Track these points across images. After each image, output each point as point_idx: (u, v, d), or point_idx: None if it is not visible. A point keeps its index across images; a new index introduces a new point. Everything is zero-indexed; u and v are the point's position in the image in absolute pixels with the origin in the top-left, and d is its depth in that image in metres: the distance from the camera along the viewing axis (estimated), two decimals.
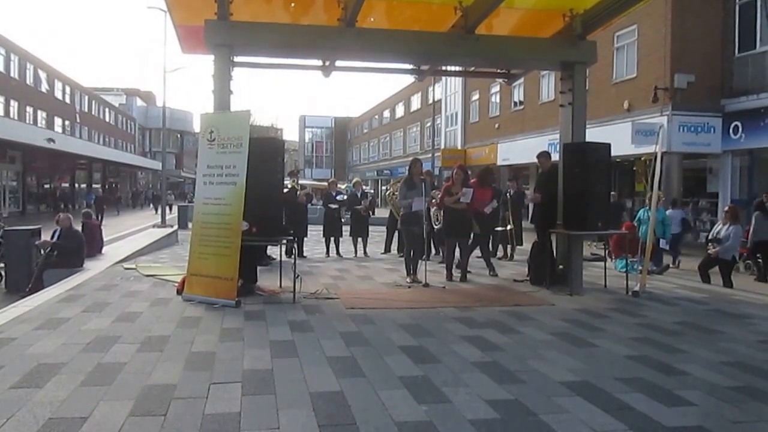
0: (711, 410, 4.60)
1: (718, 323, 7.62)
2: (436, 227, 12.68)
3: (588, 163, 9.50)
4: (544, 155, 10.89)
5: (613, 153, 9.89)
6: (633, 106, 21.50)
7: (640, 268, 10.49)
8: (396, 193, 14.12)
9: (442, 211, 11.44)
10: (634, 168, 22.81)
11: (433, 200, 11.60)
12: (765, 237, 12.80)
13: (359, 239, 15.03)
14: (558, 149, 10.46)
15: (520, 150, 29.18)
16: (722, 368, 5.67)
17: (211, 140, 8.74)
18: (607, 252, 12.25)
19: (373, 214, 15.69)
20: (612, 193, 12.25)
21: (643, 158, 20.35)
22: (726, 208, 12.15)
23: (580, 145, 9.88)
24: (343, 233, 15.31)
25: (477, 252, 13.29)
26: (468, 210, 10.63)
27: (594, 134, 11.71)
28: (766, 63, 18.68)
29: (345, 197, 15.40)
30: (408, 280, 10.24)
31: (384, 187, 50.96)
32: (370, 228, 15.47)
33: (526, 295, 9.38)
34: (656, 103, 20.05)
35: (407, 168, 10.70)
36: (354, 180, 17.21)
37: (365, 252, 14.83)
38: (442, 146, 41.90)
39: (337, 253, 14.71)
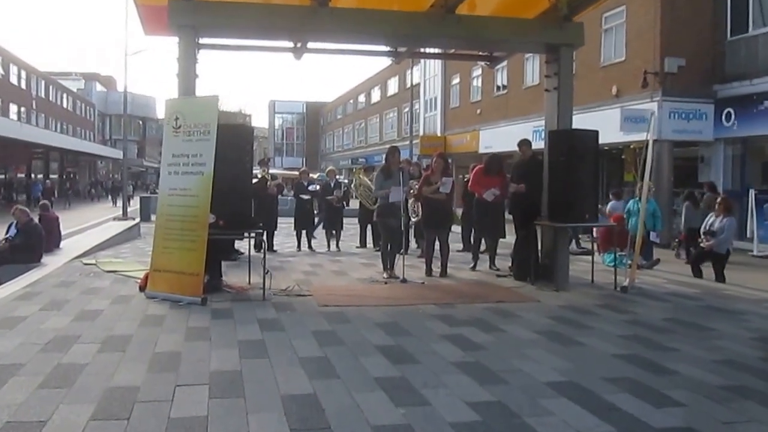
0: (700, 410, 4.66)
1: (709, 320, 7.71)
2: (414, 219, 12.74)
3: (575, 151, 9.59)
4: (526, 143, 10.94)
5: (601, 140, 10.00)
6: (622, 92, 21.66)
7: (629, 262, 10.56)
8: (361, 183, 14.43)
9: (420, 203, 11.51)
10: (623, 156, 22.97)
11: (411, 191, 11.65)
12: (695, 225, 13.26)
13: (333, 232, 15.08)
14: (543, 136, 10.55)
15: (503, 137, 28.97)
16: (713, 366, 5.74)
17: (176, 127, 8.70)
18: (594, 245, 12.29)
19: (347, 205, 15.74)
20: None
21: (632, 146, 20.48)
22: (718, 200, 12.24)
23: (566, 132, 9.98)
24: (316, 226, 15.37)
25: (458, 245, 13.48)
26: (448, 201, 10.71)
27: (581, 121, 11.82)
28: (759, 47, 18.87)
29: (318, 187, 15.43)
30: (385, 275, 10.33)
31: (350, 178, 51.05)
32: (345, 221, 15.51)
33: (510, 291, 9.48)
34: (646, 89, 20.21)
35: (384, 156, 10.75)
36: (327, 169, 17.21)
37: (338, 246, 14.92)
38: (421, 133, 41.92)
39: (309, 247, 14.77)
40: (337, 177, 17.26)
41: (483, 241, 12.03)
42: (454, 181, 11.40)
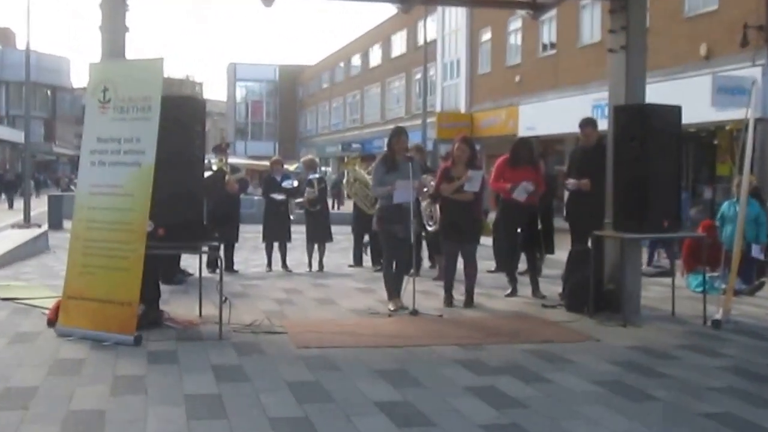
0: None
1: None
2: (430, 228, 12.76)
3: (649, 134, 9.57)
4: (590, 123, 11.12)
5: (684, 119, 9.98)
6: (713, 52, 21.56)
7: (722, 286, 10.54)
8: (356, 178, 14.47)
9: (438, 206, 11.53)
10: (715, 141, 22.88)
11: (425, 189, 11.66)
12: None
13: (316, 246, 15.15)
14: (606, 114, 10.57)
15: (552, 114, 29.27)
16: None
17: (103, 101, 8.70)
18: (676, 264, 12.30)
19: (340, 206, 15.70)
20: None
21: (728, 127, 20.38)
22: None
23: (637, 108, 9.95)
24: (292, 237, 15.40)
25: (489, 264, 13.58)
26: (475, 203, 10.75)
27: (658, 92, 11.74)
28: None
29: (295, 183, 15.38)
30: (390, 306, 10.33)
31: (340, 172, 50.69)
32: (335, 229, 15.58)
33: (560, 327, 9.50)
34: (746, 48, 20.12)
35: (386, 141, 10.80)
36: (304, 158, 17.28)
37: (321, 264, 15.05)
38: (438, 109, 41.87)
39: (284, 265, 14.84)
40: (324, 169, 17.23)
41: (529, 258, 12.08)
42: (485, 175, 11.42)
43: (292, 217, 15.29)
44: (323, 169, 65.39)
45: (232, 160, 16.01)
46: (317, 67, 77.59)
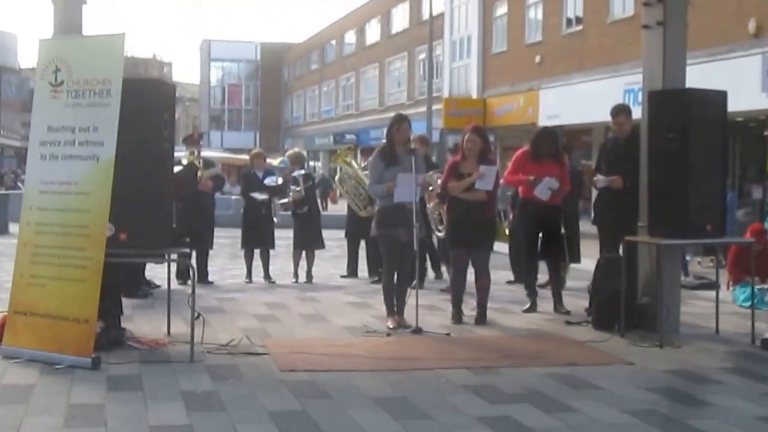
0: None
1: None
2: (439, 235, 12.86)
3: (690, 123, 9.55)
4: (623, 111, 11.10)
5: (731, 107, 9.96)
6: (764, 29, 21.44)
7: None
8: (350, 175, 14.43)
9: (446, 207, 11.55)
10: (767, 133, 22.79)
11: (431, 188, 11.72)
12: None
13: (304, 254, 15.16)
14: (640, 100, 10.65)
15: (577, 101, 29.12)
16: None
17: (55, 84, 8.67)
18: (721, 274, 12.13)
19: (327, 207, 15.71)
20: None
21: None
22: None
23: (676, 93, 9.94)
24: (276, 243, 15.39)
25: (505, 275, 13.73)
26: (488, 203, 10.77)
27: (700, 74, 11.88)
28: None
29: (279, 181, 15.34)
30: (389, 324, 10.35)
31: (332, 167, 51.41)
32: (326, 234, 15.58)
33: (587, 347, 9.50)
34: None
35: (385, 131, 10.84)
36: (290, 151, 17.15)
37: (309, 276, 15.10)
38: (445, 94, 41.71)
39: (266, 276, 14.89)
40: (312, 164, 17.23)
41: (550, 268, 12.10)
42: (499, 171, 11.42)
43: (275, 220, 15.21)
44: (312, 164, 66.76)
45: (205, 153, 16.02)
46: (305, 46, 77.37)
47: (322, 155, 69.60)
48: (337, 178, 16.19)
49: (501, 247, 12.75)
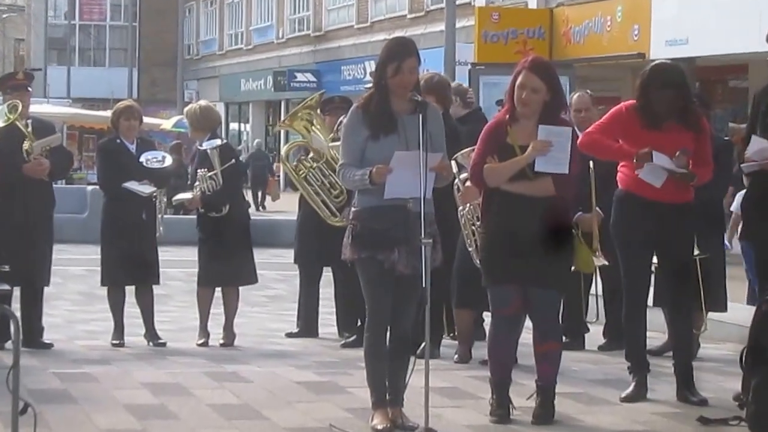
0: None
1: None
2: (473, 257, 10.16)
3: None
4: None
5: None
6: None
7: None
8: (315, 150, 12.01)
9: (480, 204, 8.93)
10: None
11: (457, 182, 9.35)
12: None
13: (219, 294, 12.24)
14: None
15: (718, 15, 23.93)
16: None
17: None
18: None
19: (261, 207, 13.73)
20: None
21: None
22: None
23: None
24: (168, 272, 13.82)
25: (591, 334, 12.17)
26: (560, 198, 8.18)
27: None
28: None
29: (168, 161, 12.19)
30: (375, 423, 7.91)
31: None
32: (258, 255, 12.97)
33: None
34: None
35: (372, 70, 9.55)
36: (194, 106, 13.27)
37: (227, 333, 11.98)
38: (480, 1, 31.75)
39: (149, 333, 11.82)
40: (238, 130, 14.01)
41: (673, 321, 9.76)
42: (578, 134, 9.24)
43: (159, 232, 12.08)
44: (235, 128, 57.29)
45: (38, 108, 13.28)
46: None
47: (253, 112, 54.60)
48: (283, 154, 12.60)
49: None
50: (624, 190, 8.97)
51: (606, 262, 9.61)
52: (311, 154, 11.93)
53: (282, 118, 13.24)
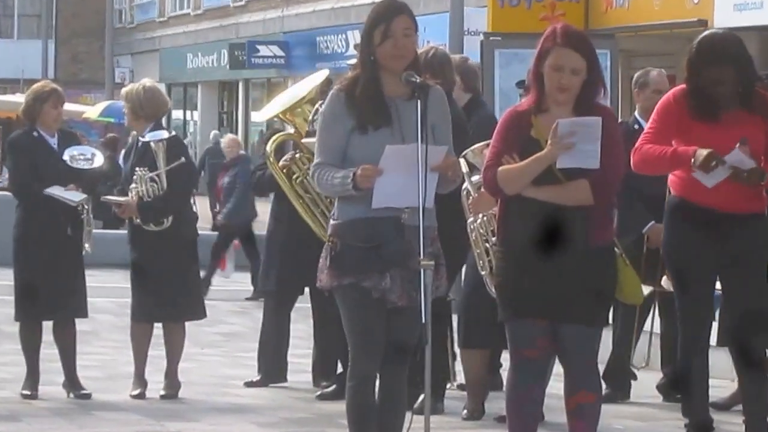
0: None
1: None
2: (487, 283, 9.57)
3: None
4: None
5: None
6: None
7: None
8: (301, 149, 10.59)
9: (497, 215, 8.07)
10: None
11: (471, 179, 8.56)
12: None
13: (161, 330, 10.97)
14: None
15: None
16: None
17: None
18: None
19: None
20: None
21: None
22: None
23: None
24: (96, 302, 13.08)
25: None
26: (595, 208, 7.06)
27: None
28: None
29: (97, 159, 10.84)
30: None
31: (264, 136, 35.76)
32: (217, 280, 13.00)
33: None
34: None
35: (356, 41, 9.28)
36: (133, 87, 12.01)
37: (171, 380, 10.65)
38: None
39: (69, 383, 10.50)
40: (189, 119, 12.79)
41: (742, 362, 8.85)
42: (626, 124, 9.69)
43: (87, 249, 10.90)
44: (179, 116, 47.20)
45: None
46: None
47: (203, 95, 47.88)
48: (269, 148, 10.79)
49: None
50: (678, 198, 7.94)
51: (669, 288, 8.68)
52: (301, 153, 10.43)
53: (275, 106, 11.20)
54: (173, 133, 11.73)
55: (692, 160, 7.55)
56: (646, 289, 8.37)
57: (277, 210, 11.00)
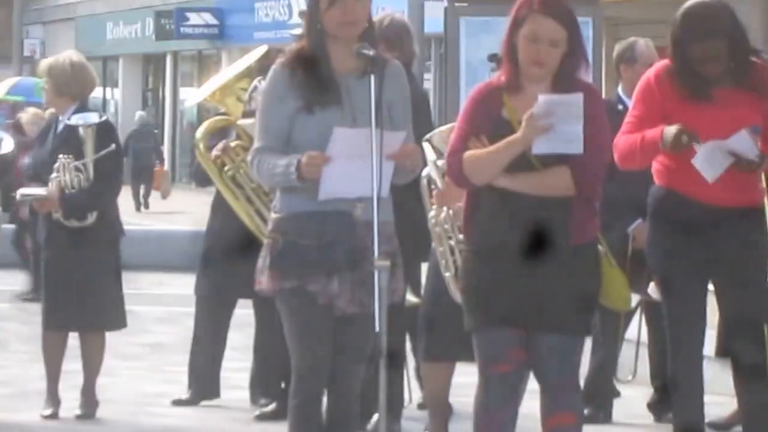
0: None
1: None
2: (450, 286, 8.84)
3: None
4: None
5: None
6: None
7: None
8: (244, 142, 9.62)
9: (463, 209, 7.34)
10: None
11: (438, 166, 8.04)
12: None
13: (77, 341, 10.73)
14: None
15: None
16: None
17: None
18: None
19: (142, 206, 15.51)
20: None
21: None
22: None
23: None
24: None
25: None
26: (576, 199, 6.60)
27: None
28: None
29: (7, 145, 10.68)
30: None
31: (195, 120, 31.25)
32: (138, 276, 13.58)
33: None
34: None
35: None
36: (61, 60, 11.22)
37: (87, 396, 10.18)
38: None
39: None
40: (111, 99, 11.84)
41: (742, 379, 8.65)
42: (609, 102, 9.00)
43: None
44: (98, 95, 39.45)
45: None
46: None
47: (125, 70, 44.45)
48: (198, 135, 10.03)
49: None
50: (663, 189, 7.23)
51: (655, 297, 8.02)
52: (237, 141, 9.65)
53: (207, 89, 10.58)
54: (104, 116, 10.84)
55: (663, 142, 7.03)
56: (633, 298, 7.90)
57: (215, 202, 10.38)
